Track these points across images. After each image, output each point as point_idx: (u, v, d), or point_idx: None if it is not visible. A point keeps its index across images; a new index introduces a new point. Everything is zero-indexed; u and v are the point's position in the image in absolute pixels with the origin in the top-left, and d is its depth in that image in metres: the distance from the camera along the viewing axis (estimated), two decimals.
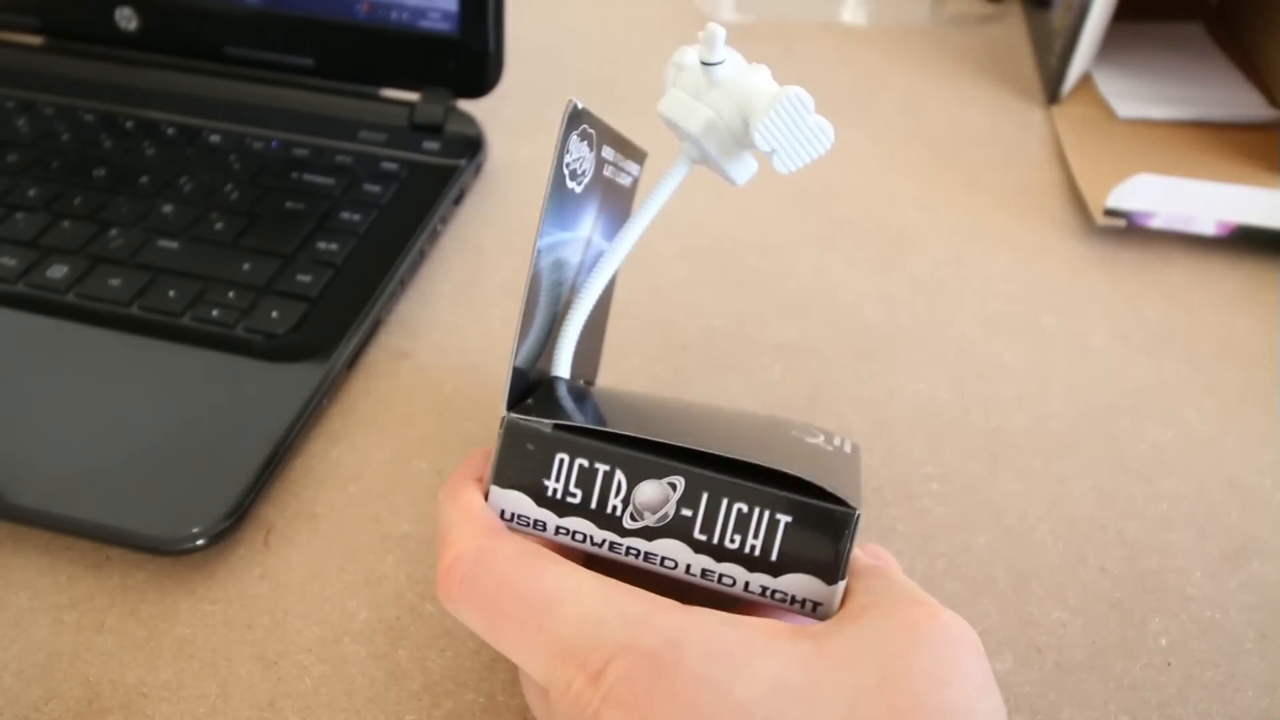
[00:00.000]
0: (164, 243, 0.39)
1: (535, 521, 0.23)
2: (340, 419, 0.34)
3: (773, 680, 0.19)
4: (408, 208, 0.42)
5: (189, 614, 0.28)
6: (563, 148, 0.23)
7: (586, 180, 0.25)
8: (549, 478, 0.23)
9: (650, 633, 0.20)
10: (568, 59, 0.57)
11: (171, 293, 0.36)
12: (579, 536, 0.23)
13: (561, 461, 0.22)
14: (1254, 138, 0.50)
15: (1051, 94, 0.53)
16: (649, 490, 0.22)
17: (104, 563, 0.29)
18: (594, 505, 0.22)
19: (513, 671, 0.27)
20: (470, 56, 0.45)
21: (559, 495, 0.23)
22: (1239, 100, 0.52)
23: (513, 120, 0.51)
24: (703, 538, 0.22)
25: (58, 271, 0.37)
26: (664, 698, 0.19)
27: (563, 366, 0.25)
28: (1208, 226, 0.42)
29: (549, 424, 0.22)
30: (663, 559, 0.22)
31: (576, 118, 0.23)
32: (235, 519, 0.29)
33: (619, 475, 0.22)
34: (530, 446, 0.22)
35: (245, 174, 0.43)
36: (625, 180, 0.29)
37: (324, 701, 0.26)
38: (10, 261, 0.37)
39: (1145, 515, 0.32)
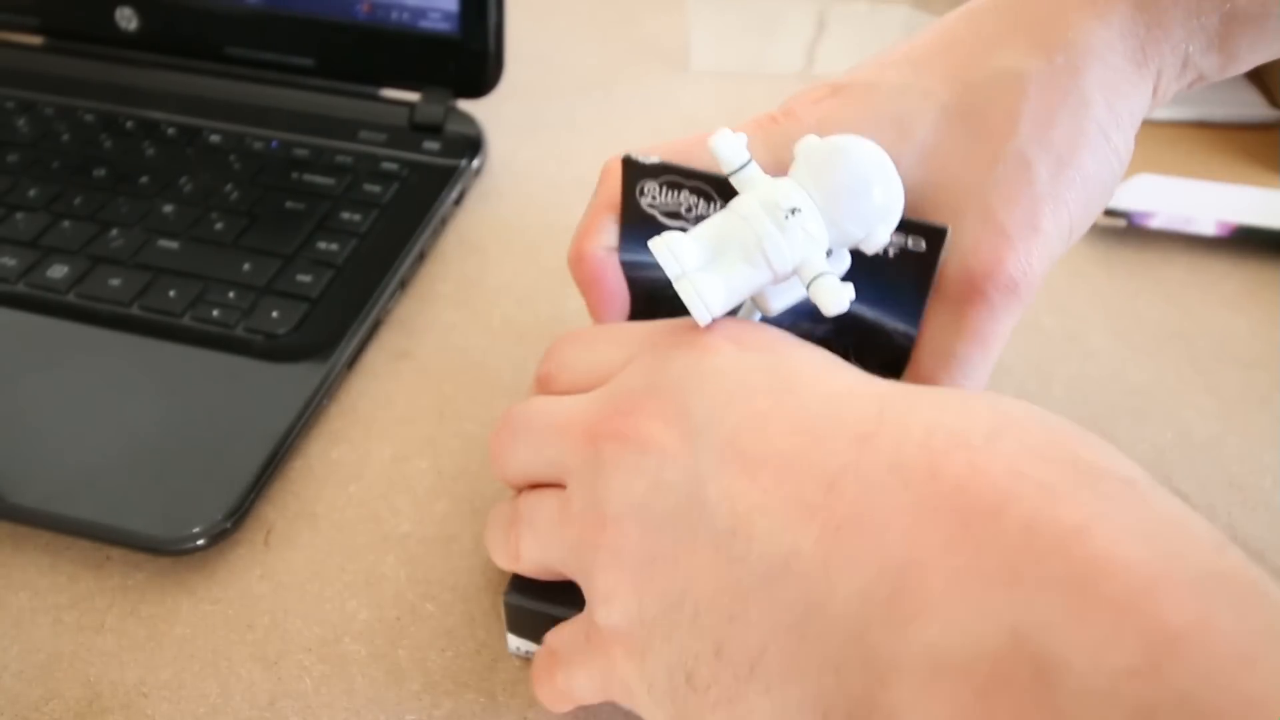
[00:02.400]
0: (164, 243, 0.39)
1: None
2: (340, 419, 0.34)
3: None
4: (408, 208, 0.42)
5: (189, 614, 0.28)
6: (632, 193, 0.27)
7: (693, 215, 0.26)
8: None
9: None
10: (568, 59, 0.57)
11: (172, 293, 0.36)
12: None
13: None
14: (1254, 138, 0.50)
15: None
16: None
17: (104, 563, 0.29)
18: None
19: (513, 671, 0.27)
20: (470, 57, 0.45)
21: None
22: (1239, 100, 0.52)
23: (513, 120, 0.51)
24: None
25: (58, 271, 0.37)
26: (757, 327, 0.24)
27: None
28: (1208, 226, 0.42)
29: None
30: None
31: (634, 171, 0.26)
32: (235, 519, 0.29)
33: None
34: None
35: (245, 174, 0.43)
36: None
37: (324, 701, 0.26)
38: (10, 261, 0.37)
39: None
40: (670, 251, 0.22)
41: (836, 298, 0.21)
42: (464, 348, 0.37)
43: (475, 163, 0.45)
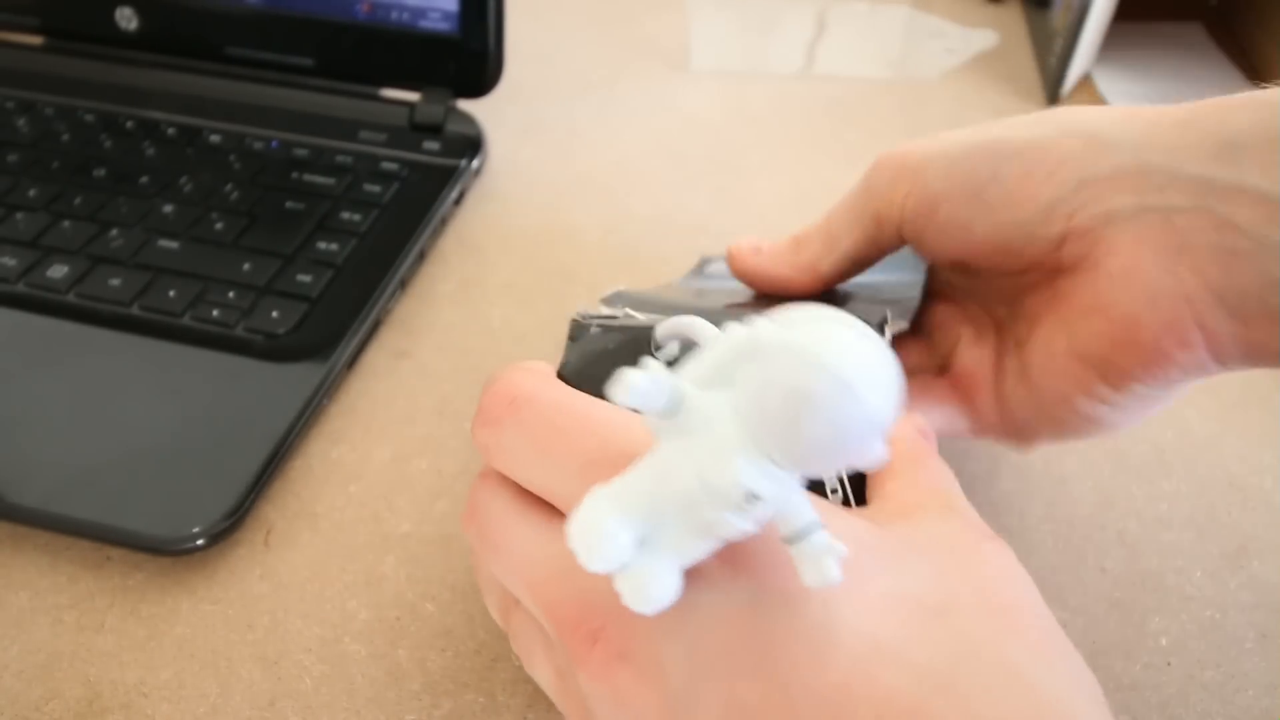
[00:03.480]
0: (164, 243, 0.39)
1: None
2: (340, 419, 0.34)
3: (850, 535, 0.18)
4: (408, 208, 0.42)
5: (189, 614, 0.28)
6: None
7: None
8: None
9: None
10: (568, 59, 0.57)
11: (172, 293, 0.36)
12: None
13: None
14: None
15: (1051, 94, 0.53)
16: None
17: (104, 563, 0.29)
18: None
19: (513, 671, 0.27)
20: (470, 56, 0.45)
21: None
22: None
23: (513, 120, 0.51)
24: None
25: (58, 271, 0.37)
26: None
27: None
28: None
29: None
30: None
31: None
32: (235, 519, 0.29)
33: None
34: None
35: (245, 174, 0.43)
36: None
37: (324, 701, 0.26)
38: (10, 261, 0.37)
39: (1145, 515, 0.32)
40: (595, 547, 0.17)
41: (821, 571, 0.17)
42: (464, 348, 0.37)
43: (475, 163, 0.45)
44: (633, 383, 0.16)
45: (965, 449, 0.34)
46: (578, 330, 0.27)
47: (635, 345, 0.25)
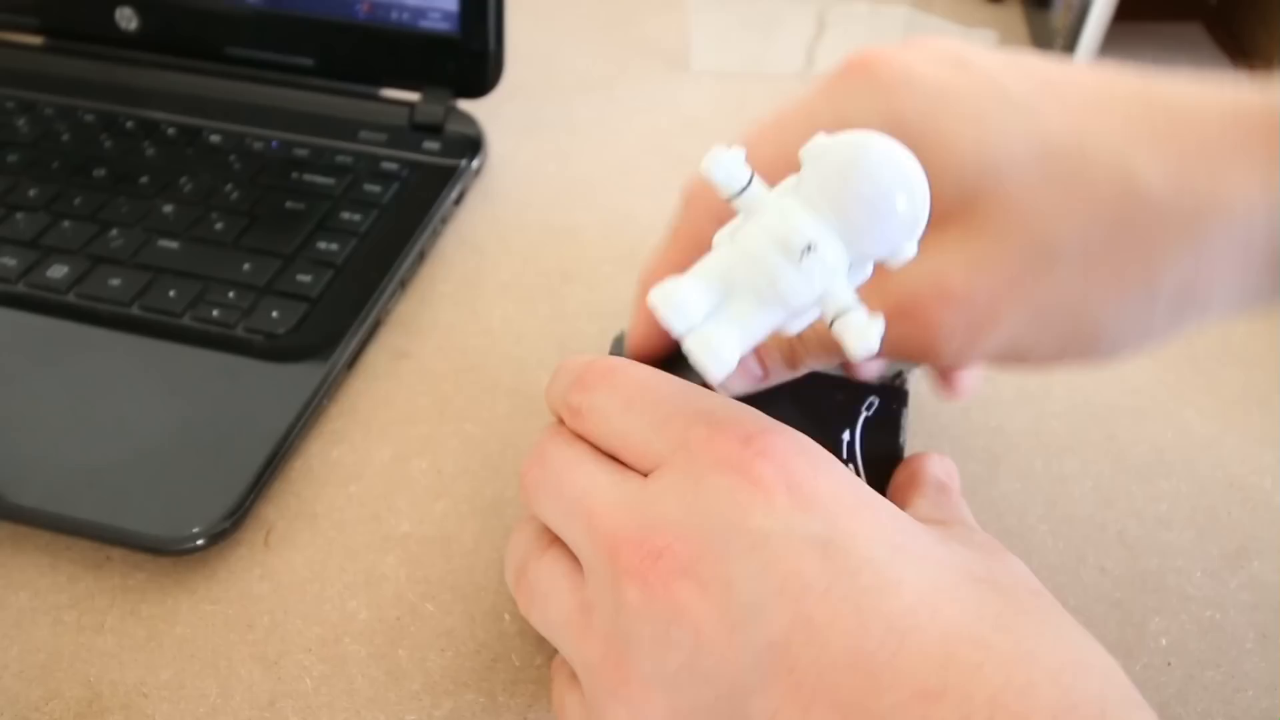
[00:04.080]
0: (164, 243, 0.39)
1: None
2: (340, 419, 0.34)
3: (900, 518, 0.21)
4: (408, 207, 0.42)
5: (189, 614, 0.28)
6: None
7: None
8: None
9: (791, 430, 0.21)
10: (568, 59, 0.57)
11: (172, 293, 0.36)
12: None
13: None
14: None
15: None
16: None
17: (104, 563, 0.29)
18: None
19: (513, 672, 0.27)
20: (470, 56, 0.45)
21: None
22: None
23: (513, 120, 0.51)
24: None
25: (58, 271, 0.37)
26: (813, 462, 0.20)
27: None
28: None
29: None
30: None
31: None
32: (235, 519, 0.29)
33: None
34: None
35: (245, 174, 0.43)
36: None
37: (324, 701, 0.26)
38: (10, 261, 0.37)
39: (1145, 515, 0.32)
40: (672, 306, 0.19)
41: (863, 340, 0.19)
42: (464, 348, 0.37)
43: (475, 163, 0.45)
44: (717, 156, 0.21)
45: (965, 449, 0.34)
46: (622, 346, 0.28)
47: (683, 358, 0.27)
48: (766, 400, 0.26)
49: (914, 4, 0.65)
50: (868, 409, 0.27)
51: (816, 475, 0.20)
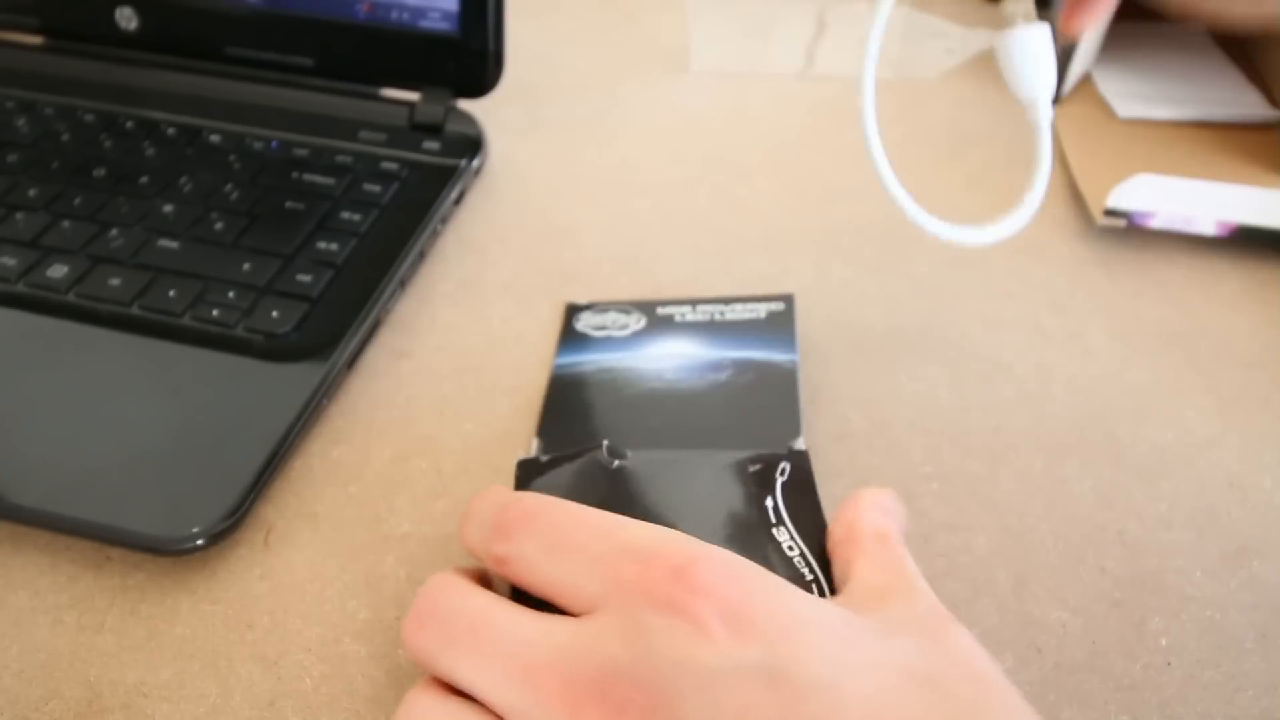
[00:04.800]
0: (164, 243, 0.39)
1: None
2: (340, 419, 0.34)
3: (839, 618, 0.21)
4: (408, 207, 0.42)
5: (189, 614, 0.28)
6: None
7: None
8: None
9: (717, 551, 0.22)
10: (568, 59, 0.57)
11: (172, 293, 0.36)
12: None
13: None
14: (1254, 138, 0.50)
15: (1052, 94, 0.53)
16: None
17: (104, 563, 0.29)
18: None
19: None
20: (470, 56, 0.45)
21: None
22: (1239, 100, 0.52)
23: (513, 120, 0.51)
24: None
25: (58, 271, 0.37)
26: (745, 585, 0.21)
27: None
28: (1208, 226, 0.42)
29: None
30: None
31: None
32: (235, 519, 0.29)
33: None
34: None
35: (245, 174, 0.43)
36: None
37: (324, 701, 0.26)
38: (10, 261, 0.37)
39: (1145, 515, 0.32)
40: None
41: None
42: (464, 348, 0.37)
43: (475, 163, 0.45)
44: None
45: (965, 449, 0.34)
46: (526, 470, 0.29)
47: (591, 467, 0.28)
48: (685, 482, 0.28)
49: (914, 4, 0.64)
50: (781, 474, 0.28)
51: (751, 599, 0.20)
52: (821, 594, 0.25)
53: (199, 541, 0.28)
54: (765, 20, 0.63)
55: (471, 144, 0.46)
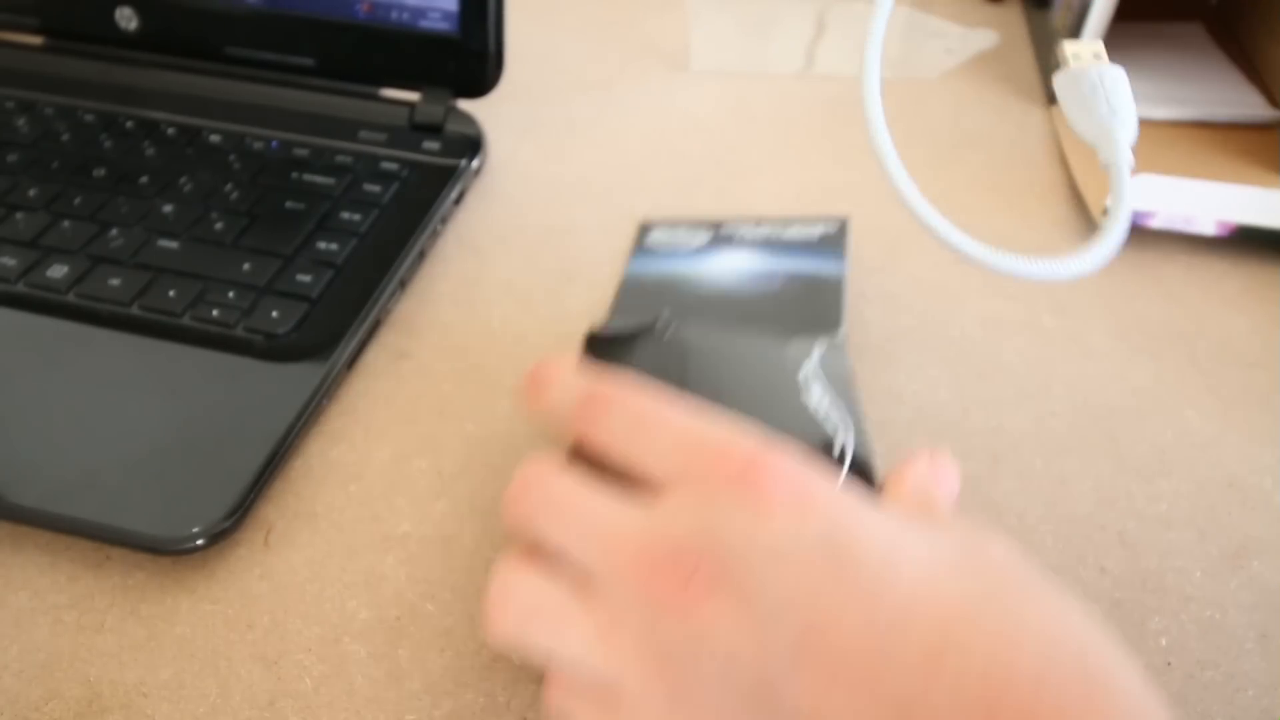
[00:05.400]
0: (164, 243, 0.39)
1: None
2: (340, 419, 0.34)
3: (888, 517, 0.23)
4: (408, 207, 0.42)
5: (189, 614, 0.28)
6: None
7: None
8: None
9: (786, 448, 0.23)
10: (568, 59, 0.57)
11: (172, 293, 0.36)
12: None
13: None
14: (1255, 138, 0.50)
15: (1052, 94, 0.53)
16: None
17: (104, 563, 0.29)
18: None
19: (513, 672, 0.27)
20: (470, 56, 0.45)
21: None
22: (1240, 100, 0.52)
23: (513, 120, 0.51)
24: None
25: (58, 271, 0.37)
26: (811, 473, 0.22)
27: None
28: (1208, 226, 0.42)
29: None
30: None
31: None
32: (235, 519, 0.29)
33: None
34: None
35: (245, 174, 0.43)
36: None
37: (324, 701, 0.26)
38: (10, 261, 0.37)
39: (1145, 515, 0.32)
40: None
41: None
42: (464, 348, 0.37)
43: (475, 163, 0.45)
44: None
45: (965, 449, 0.34)
46: (592, 343, 0.31)
47: (648, 339, 0.30)
48: (732, 355, 0.29)
49: (914, 4, 0.64)
50: (820, 348, 0.30)
51: (815, 486, 0.22)
52: (842, 460, 0.26)
53: (199, 541, 0.28)
54: (765, 20, 0.63)
55: (471, 144, 0.46)
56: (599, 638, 0.22)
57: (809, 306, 0.36)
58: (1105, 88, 0.32)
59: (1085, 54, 0.33)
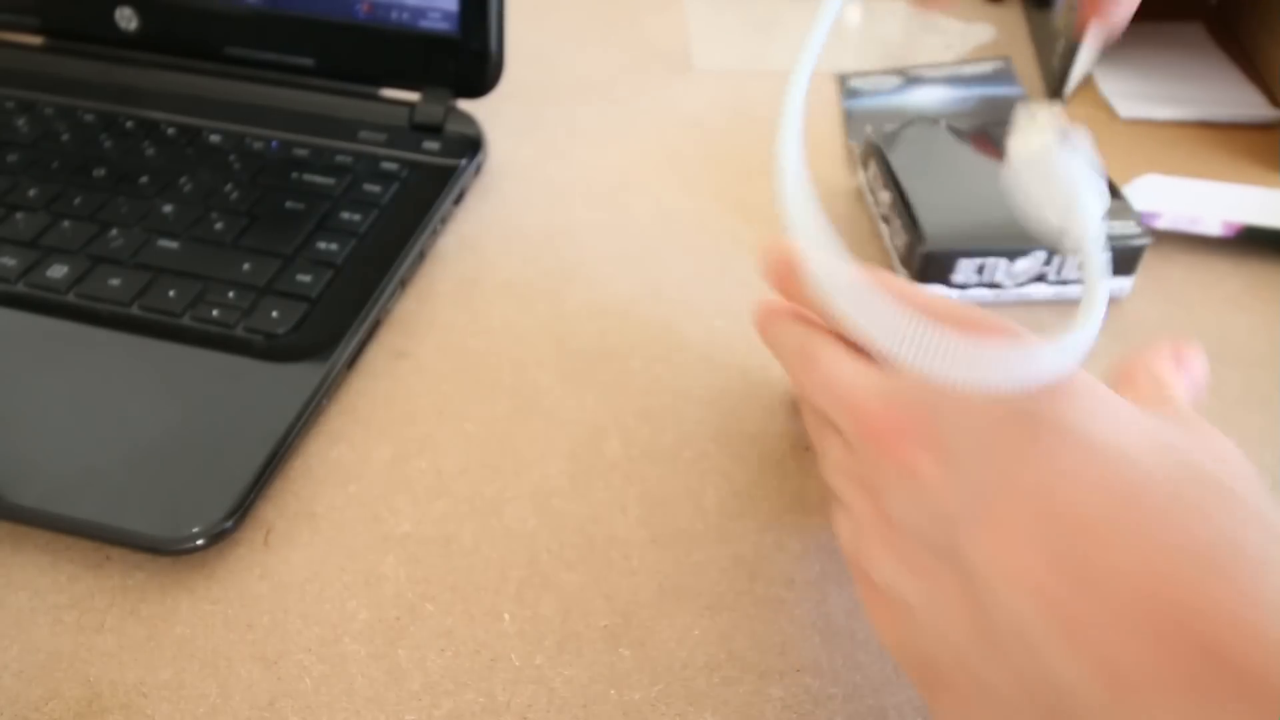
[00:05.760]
0: (164, 243, 0.39)
1: None
2: (340, 419, 0.34)
3: (1111, 393, 0.23)
4: (408, 207, 0.42)
5: (189, 614, 0.28)
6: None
7: None
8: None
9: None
10: (568, 59, 0.57)
11: (171, 293, 0.36)
12: None
13: None
14: (1256, 138, 0.50)
15: (1054, 94, 0.53)
16: None
17: (104, 563, 0.29)
18: None
19: (513, 672, 0.27)
20: (470, 56, 0.45)
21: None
22: (1241, 100, 0.52)
23: (513, 120, 0.51)
24: None
25: (58, 271, 0.37)
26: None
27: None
28: (1214, 226, 0.42)
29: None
30: None
31: None
32: (235, 519, 0.29)
33: None
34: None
35: (245, 174, 0.43)
36: None
37: (324, 701, 0.26)
38: (10, 261, 0.37)
39: None
40: None
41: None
42: (464, 348, 0.37)
43: (475, 163, 0.45)
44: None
45: None
46: (876, 142, 0.42)
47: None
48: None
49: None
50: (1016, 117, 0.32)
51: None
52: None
53: (199, 541, 0.28)
54: (766, 19, 0.63)
55: (471, 144, 0.46)
56: (841, 471, 0.27)
57: (999, 112, 0.47)
58: (1068, 169, 0.26)
59: (1045, 127, 0.27)
